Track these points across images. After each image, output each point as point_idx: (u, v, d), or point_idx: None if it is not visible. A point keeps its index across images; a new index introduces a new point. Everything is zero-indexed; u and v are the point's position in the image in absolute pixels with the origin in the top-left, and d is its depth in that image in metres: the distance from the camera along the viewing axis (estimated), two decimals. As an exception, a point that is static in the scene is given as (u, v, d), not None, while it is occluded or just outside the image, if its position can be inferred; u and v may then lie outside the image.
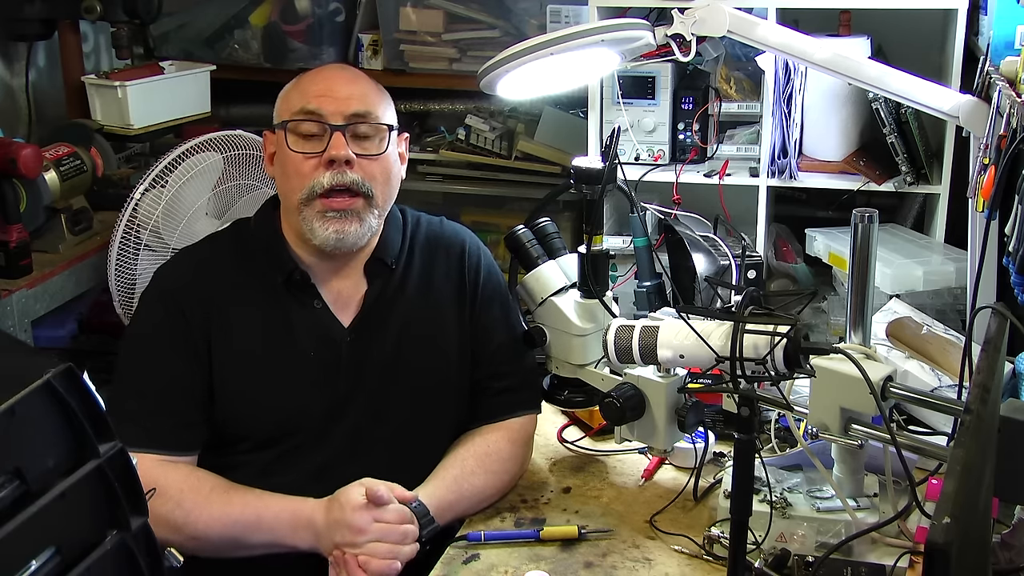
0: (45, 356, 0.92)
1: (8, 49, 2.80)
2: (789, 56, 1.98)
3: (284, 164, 1.62)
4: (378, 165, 1.62)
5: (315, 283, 1.65)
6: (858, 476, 1.51)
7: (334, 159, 1.58)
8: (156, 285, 1.69)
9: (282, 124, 1.62)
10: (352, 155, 1.59)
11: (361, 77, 1.68)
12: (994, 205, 1.58)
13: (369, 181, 1.61)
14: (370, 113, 1.62)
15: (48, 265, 2.24)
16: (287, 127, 1.61)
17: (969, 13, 2.06)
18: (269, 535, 1.53)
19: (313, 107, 1.60)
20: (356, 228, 1.60)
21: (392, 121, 1.66)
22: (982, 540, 1.14)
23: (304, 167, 1.59)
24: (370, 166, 1.61)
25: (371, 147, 1.62)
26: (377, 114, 1.63)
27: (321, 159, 1.59)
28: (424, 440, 1.68)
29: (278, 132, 1.63)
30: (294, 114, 1.61)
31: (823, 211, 2.52)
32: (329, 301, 1.66)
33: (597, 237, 1.68)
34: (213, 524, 1.53)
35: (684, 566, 1.49)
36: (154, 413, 1.58)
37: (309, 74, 1.69)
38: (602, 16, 2.24)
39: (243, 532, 1.53)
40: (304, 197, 1.59)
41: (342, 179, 1.58)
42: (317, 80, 1.65)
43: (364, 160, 1.60)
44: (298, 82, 1.67)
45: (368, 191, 1.60)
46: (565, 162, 2.63)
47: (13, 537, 0.83)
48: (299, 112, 1.61)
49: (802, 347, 1.30)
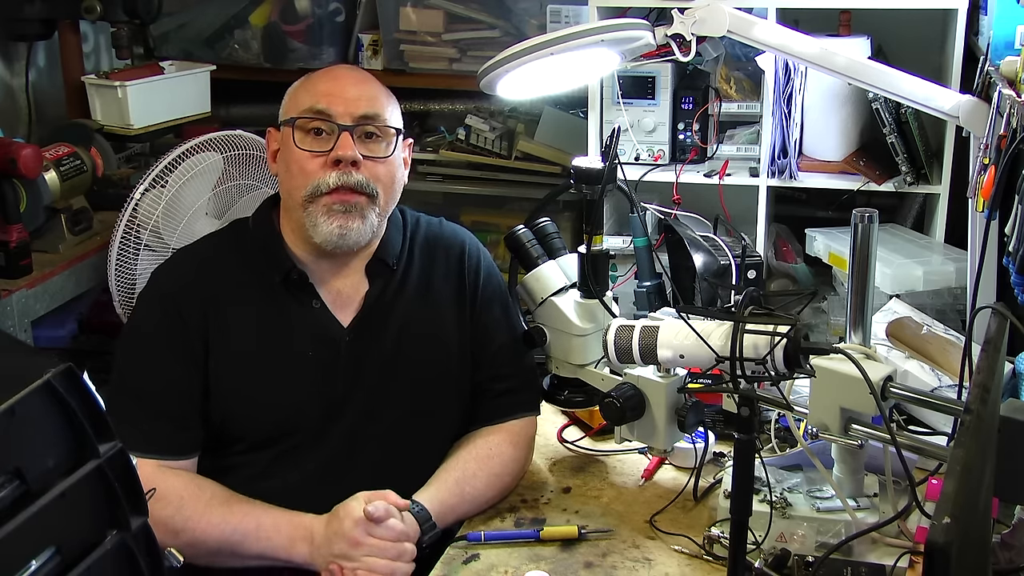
0: (45, 356, 0.92)
1: (8, 49, 2.80)
2: (789, 56, 1.98)
3: (289, 161, 1.62)
4: (383, 168, 1.62)
5: (313, 283, 1.65)
6: (858, 476, 1.51)
7: (341, 159, 1.58)
8: (154, 286, 1.68)
9: (289, 121, 1.62)
10: (359, 156, 1.59)
11: (370, 79, 1.68)
12: (994, 205, 1.58)
13: (374, 182, 1.61)
14: (379, 115, 1.62)
15: (48, 265, 2.24)
16: (295, 124, 1.61)
17: (969, 13, 2.06)
18: (266, 544, 1.52)
19: (322, 106, 1.60)
20: (359, 225, 1.60)
21: (399, 125, 1.67)
22: (982, 540, 1.14)
23: (310, 165, 1.59)
24: (375, 168, 1.61)
25: (378, 149, 1.62)
26: (385, 117, 1.63)
27: (328, 158, 1.59)
28: (422, 440, 1.68)
29: (284, 129, 1.63)
30: (302, 112, 1.61)
31: (823, 211, 2.52)
32: (328, 301, 1.66)
33: (597, 237, 1.68)
34: (211, 531, 1.52)
35: (684, 566, 1.49)
36: (152, 417, 1.58)
37: (318, 73, 1.69)
38: (602, 16, 2.23)
39: (241, 540, 1.52)
40: (308, 195, 1.59)
41: (347, 179, 1.58)
42: (327, 79, 1.65)
43: (370, 162, 1.61)
44: (307, 80, 1.67)
45: (373, 191, 1.61)
46: (565, 162, 2.63)
47: (13, 537, 0.83)
48: (308, 110, 1.61)
49: (802, 347, 1.30)
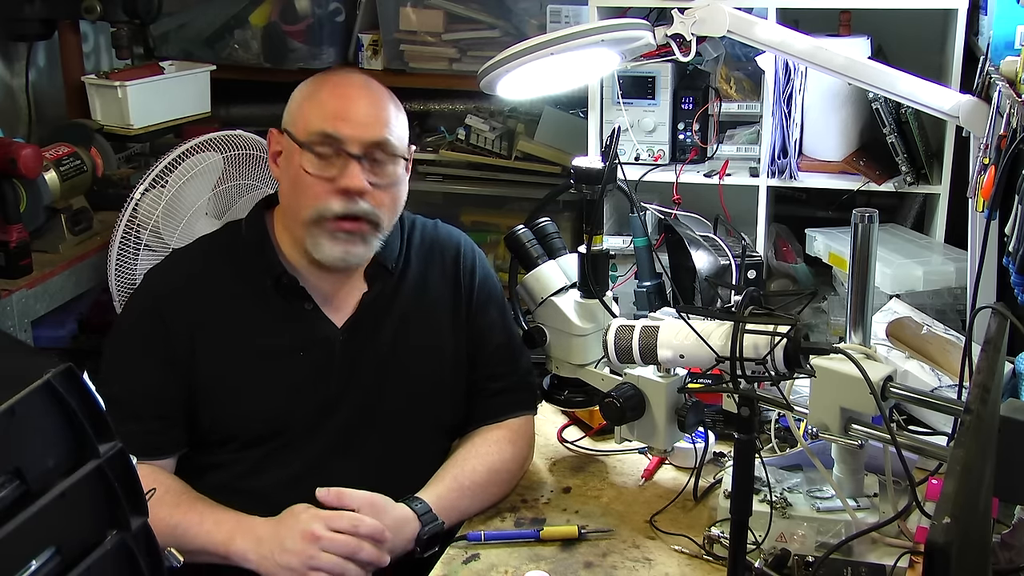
0: (45, 356, 0.92)
1: (8, 49, 2.80)
2: (789, 56, 1.98)
3: (295, 181, 1.59)
4: (388, 195, 1.61)
5: (305, 286, 1.64)
6: (858, 476, 1.51)
7: (348, 189, 1.56)
8: (143, 287, 1.69)
9: (299, 143, 1.58)
10: (367, 186, 1.56)
11: (381, 96, 1.62)
12: (994, 205, 1.58)
13: (379, 209, 1.59)
14: (388, 142, 1.59)
15: (48, 265, 2.24)
16: (303, 147, 1.57)
17: (969, 13, 2.06)
18: (205, 538, 1.50)
19: (331, 131, 1.56)
20: (362, 250, 1.60)
21: (407, 142, 1.64)
22: (982, 540, 1.14)
23: (316, 189, 1.57)
24: (381, 195, 1.59)
25: (384, 175, 1.59)
26: (394, 142, 1.60)
27: (334, 186, 1.56)
28: (416, 439, 1.68)
29: (288, 138, 1.60)
30: (311, 134, 1.57)
31: (823, 211, 2.52)
32: (321, 302, 1.65)
33: (597, 237, 1.68)
34: (157, 523, 1.48)
35: (684, 566, 1.49)
36: (126, 420, 1.54)
37: (328, 86, 1.62)
38: (602, 16, 2.24)
39: (183, 533, 1.50)
40: (313, 218, 1.58)
41: (353, 208, 1.57)
42: (336, 97, 1.60)
43: (376, 190, 1.58)
44: (317, 93, 1.62)
45: (377, 220, 1.60)
46: (565, 162, 2.63)
47: (13, 537, 0.83)
48: (316, 134, 1.56)
49: (802, 347, 1.30)
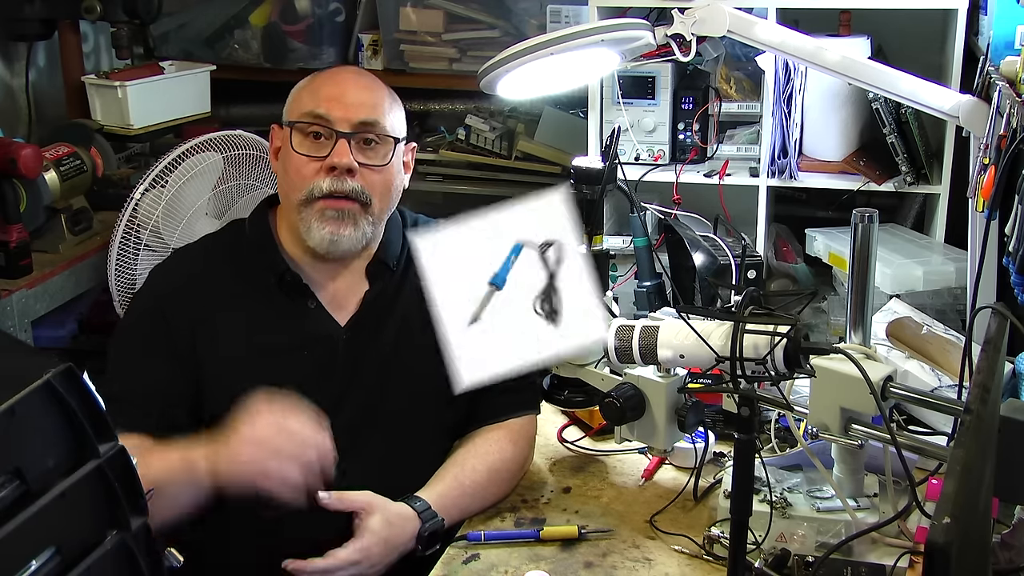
0: (45, 356, 0.92)
1: (8, 49, 2.80)
2: (789, 56, 1.98)
3: (287, 163, 1.63)
4: (379, 176, 1.62)
5: (308, 284, 1.65)
6: (858, 476, 1.51)
7: (336, 166, 1.58)
8: (147, 286, 1.70)
9: (289, 124, 1.62)
10: (355, 164, 1.59)
11: (375, 84, 1.67)
12: (994, 205, 1.58)
13: (368, 190, 1.61)
14: (378, 123, 1.61)
15: (48, 265, 2.24)
16: (294, 127, 1.61)
17: (969, 13, 2.06)
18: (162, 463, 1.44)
19: (322, 111, 1.60)
20: (351, 232, 1.60)
21: (400, 133, 1.66)
22: (982, 540, 1.14)
23: (306, 169, 1.60)
24: (371, 176, 1.61)
25: (375, 157, 1.62)
26: (385, 125, 1.62)
27: (323, 164, 1.59)
28: (419, 438, 1.68)
29: (285, 128, 1.64)
30: (302, 115, 1.61)
31: (823, 211, 2.52)
32: (324, 301, 1.66)
33: (597, 237, 1.68)
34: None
35: (684, 566, 1.49)
36: (133, 416, 1.52)
37: (324, 74, 1.68)
38: (602, 16, 2.23)
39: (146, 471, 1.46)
40: (303, 199, 1.60)
41: (341, 186, 1.58)
42: (330, 83, 1.64)
43: (366, 170, 1.60)
44: (311, 82, 1.66)
45: (367, 199, 1.61)
46: (565, 162, 2.63)
47: (13, 537, 0.83)
48: (307, 114, 1.61)
49: (802, 347, 1.30)
